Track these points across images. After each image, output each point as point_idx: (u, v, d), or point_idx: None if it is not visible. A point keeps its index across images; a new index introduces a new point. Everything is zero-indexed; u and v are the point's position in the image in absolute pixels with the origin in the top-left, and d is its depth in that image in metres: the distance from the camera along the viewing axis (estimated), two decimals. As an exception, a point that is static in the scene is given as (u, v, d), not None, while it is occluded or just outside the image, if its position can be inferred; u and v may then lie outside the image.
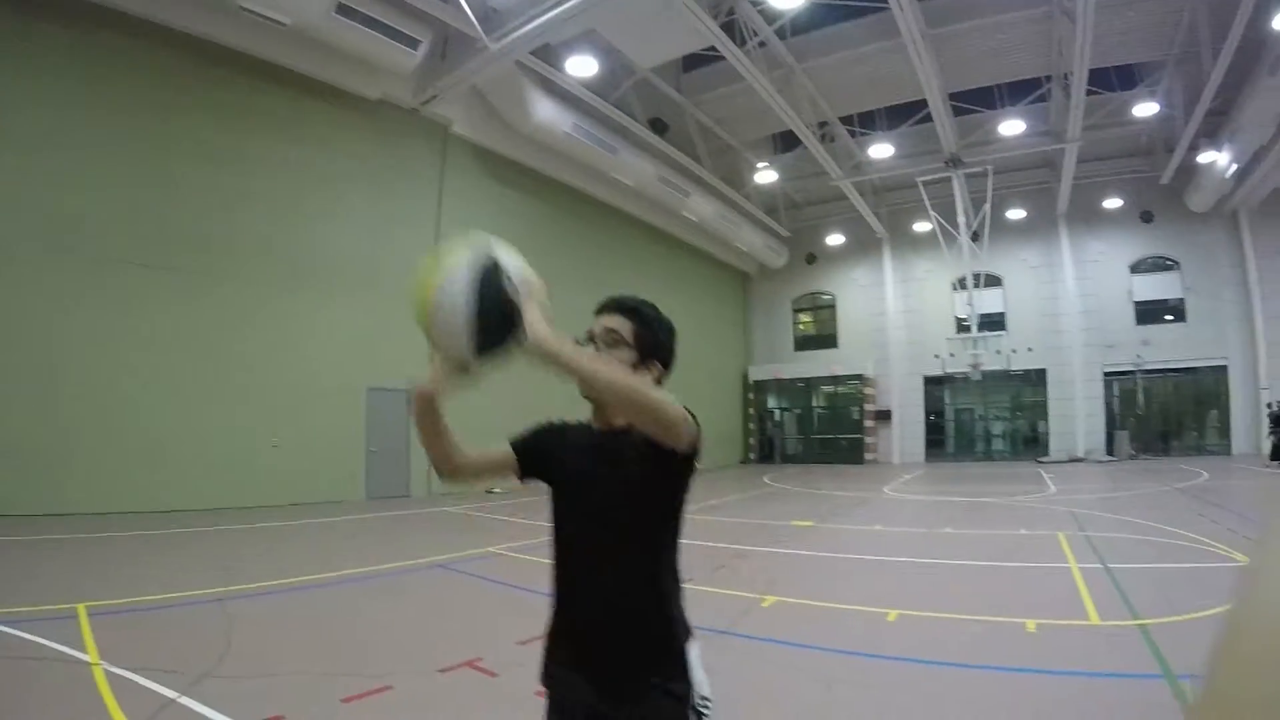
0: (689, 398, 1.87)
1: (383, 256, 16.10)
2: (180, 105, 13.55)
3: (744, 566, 8.78)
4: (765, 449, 32.80)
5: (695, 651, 2.12)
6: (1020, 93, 21.98)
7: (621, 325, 2.24)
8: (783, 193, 29.49)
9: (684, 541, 2.19)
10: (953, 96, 21.07)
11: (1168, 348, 25.66)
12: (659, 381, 2.31)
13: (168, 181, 13.31)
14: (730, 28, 16.83)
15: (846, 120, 23.55)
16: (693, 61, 20.05)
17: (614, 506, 2.15)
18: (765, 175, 26.11)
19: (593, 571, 2.17)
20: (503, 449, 2.37)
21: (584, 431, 2.36)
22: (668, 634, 2.14)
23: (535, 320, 1.96)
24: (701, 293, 29.51)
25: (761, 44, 17.90)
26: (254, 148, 14.59)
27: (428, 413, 2.24)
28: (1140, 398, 26.37)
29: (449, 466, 2.33)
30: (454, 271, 2.02)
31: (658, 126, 22.08)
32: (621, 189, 22.49)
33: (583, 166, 20.51)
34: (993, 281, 28.18)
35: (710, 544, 10.29)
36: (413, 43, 14.69)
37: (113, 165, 12.65)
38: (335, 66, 15.11)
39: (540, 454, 2.36)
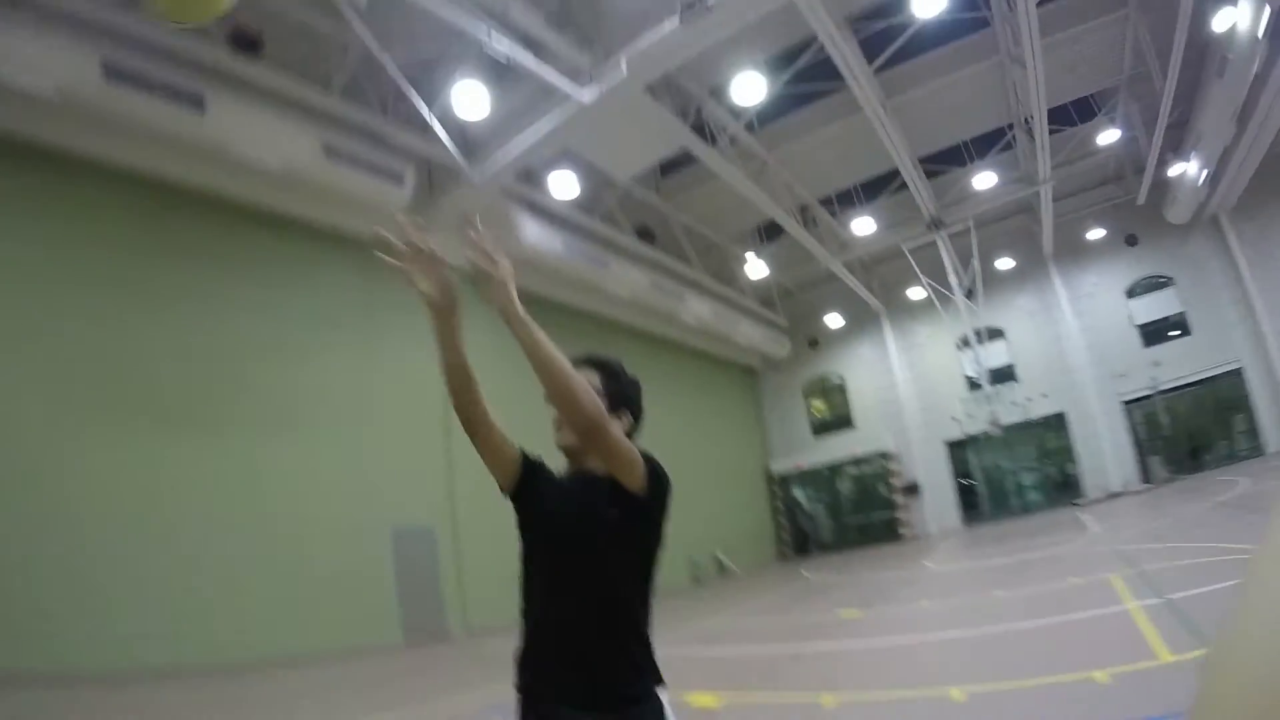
0: (711, 502, 1.88)
1: (394, 395, 16.21)
2: (164, 250, 13.71)
3: (798, 668, 8.56)
4: (799, 542, 31.87)
5: (668, 700, 2.22)
6: (986, 144, 22.35)
7: (590, 377, 2.42)
8: (775, 282, 29.58)
9: (732, 649, 2.21)
10: (923, 160, 21.52)
11: (1179, 363, 25.38)
12: (630, 433, 2.47)
13: (159, 330, 13.40)
14: (699, 128, 17.30)
15: (825, 201, 23.96)
16: (669, 165, 20.43)
17: (583, 548, 2.27)
18: (756, 268, 26.28)
19: (560, 610, 2.26)
20: (514, 446, 2.50)
21: (562, 478, 2.51)
22: (635, 674, 2.24)
23: (508, 289, 2.29)
24: (708, 395, 29.36)
25: (732, 140, 18.34)
26: (247, 291, 14.76)
27: (445, 333, 2.44)
28: (1163, 419, 26.05)
29: (469, 414, 2.44)
30: None
31: (645, 234, 22.43)
32: (613, 300, 22.62)
33: (573, 283, 20.69)
34: (995, 334, 28.15)
35: (759, 648, 10.09)
36: (398, 178, 15.03)
37: (106, 314, 12.81)
38: (324, 206, 15.36)
39: (534, 479, 2.48)
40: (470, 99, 14.34)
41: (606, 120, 15.02)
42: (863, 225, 24.84)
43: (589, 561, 2.25)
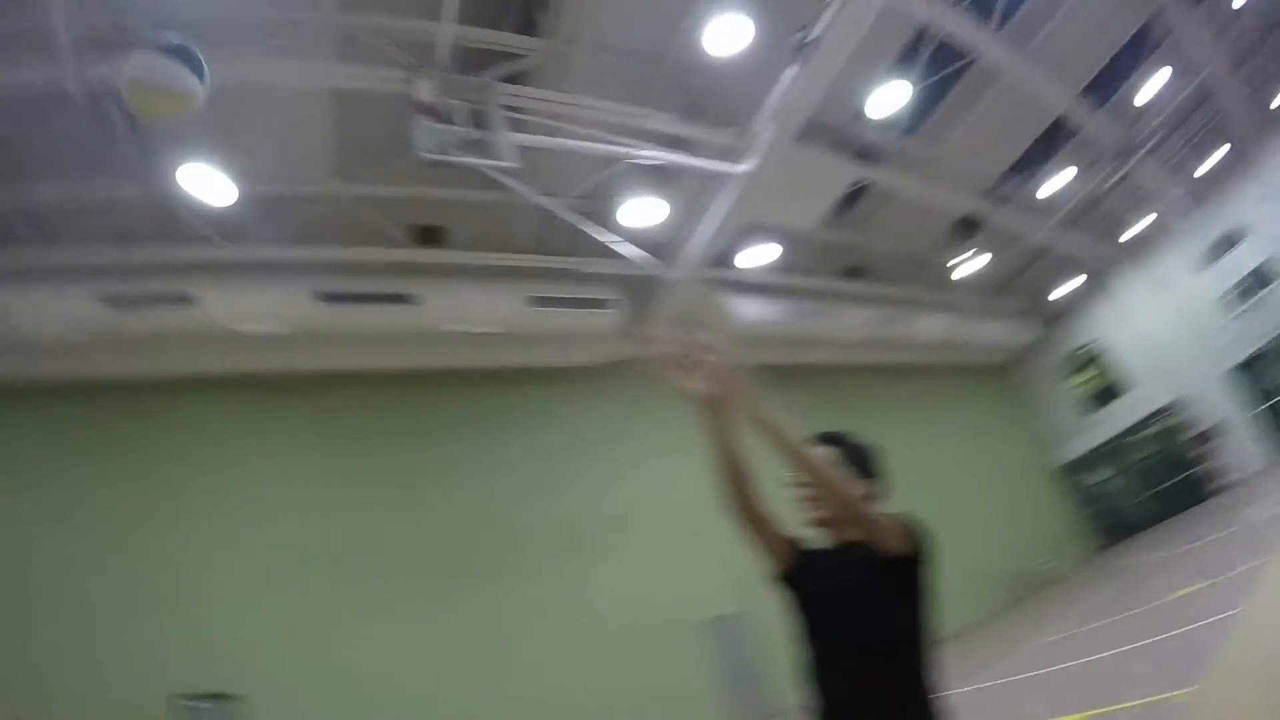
0: (999, 516, 2.24)
1: (669, 495, 17.04)
2: (415, 430, 15.80)
3: (1143, 664, 8.19)
4: (1105, 530, 28.93)
5: None
6: (1139, 48, 20.86)
7: (831, 454, 2.64)
8: (994, 271, 28.14)
9: (1071, 662, 2.45)
10: (1084, 92, 20.69)
11: None
12: (873, 495, 2.67)
13: (432, 503, 15.27)
14: (860, 155, 17.86)
15: (1010, 171, 23.12)
16: (847, 200, 20.36)
17: (857, 618, 2.41)
18: (970, 265, 25.46)
19: (842, 682, 2.40)
20: (789, 531, 2.70)
21: (825, 551, 2.69)
22: None
23: (751, 398, 2.39)
24: (960, 408, 28.33)
25: (894, 154, 18.64)
26: (504, 445, 16.47)
27: (723, 427, 2.51)
28: None
29: (748, 508, 2.62)
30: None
31: (853, 273, 23.01)
32: (843, 344, 22.83)
33: (802, 342, 21.21)
34: (1238, 237, 25.58)
35: (1098, 654, 9.69)
36: (604, 304, 16.36)
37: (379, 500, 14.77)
38: (550, 349, 16.79)
39: (805, 565, 2.67)
40: (644, 211, 15.32)
41: (773, 182, 15.61)
42: (1055, 182, 23.84)
43: (864, 629, 2.37)
